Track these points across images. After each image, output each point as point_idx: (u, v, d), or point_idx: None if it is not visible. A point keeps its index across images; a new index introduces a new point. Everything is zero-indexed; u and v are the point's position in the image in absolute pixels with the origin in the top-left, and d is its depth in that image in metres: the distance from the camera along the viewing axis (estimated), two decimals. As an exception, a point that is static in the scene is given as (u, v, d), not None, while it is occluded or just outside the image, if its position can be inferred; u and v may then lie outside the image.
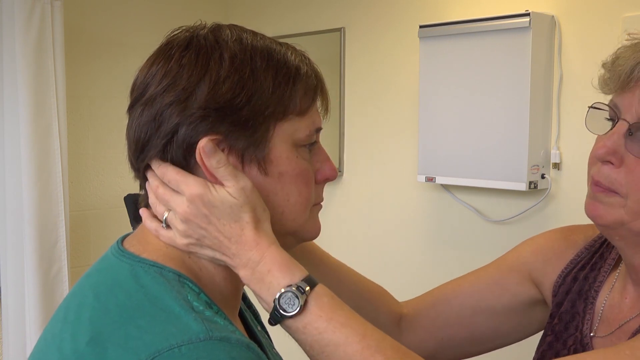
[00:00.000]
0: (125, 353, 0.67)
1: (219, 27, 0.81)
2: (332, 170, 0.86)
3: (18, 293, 2.52)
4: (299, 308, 0.76)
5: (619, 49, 0.95)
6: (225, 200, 0.77)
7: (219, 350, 0.67)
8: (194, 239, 0.78)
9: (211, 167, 0.76)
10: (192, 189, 0.77)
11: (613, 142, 0.91)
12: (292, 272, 0.78)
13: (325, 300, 0.78)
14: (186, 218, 0.77)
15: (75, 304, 0.77)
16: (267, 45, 0.81)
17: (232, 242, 0.77)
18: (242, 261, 0.78)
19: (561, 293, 1.08)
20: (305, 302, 0.76)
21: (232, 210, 0.77)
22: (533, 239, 1.17)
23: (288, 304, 0.76)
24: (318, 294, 0.78)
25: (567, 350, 1.04)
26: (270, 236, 0.79)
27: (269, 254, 0.77)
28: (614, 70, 0.93)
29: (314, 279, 0.79)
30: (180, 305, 0.71)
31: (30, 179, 2.45)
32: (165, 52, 0.79)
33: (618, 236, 0.95)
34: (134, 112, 0.80)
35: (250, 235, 0.77)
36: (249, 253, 0.77)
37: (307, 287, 0.77)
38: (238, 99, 0.76)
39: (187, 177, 0.77)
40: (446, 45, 2.36)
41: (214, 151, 0.76)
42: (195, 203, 0.77)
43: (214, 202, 0.77)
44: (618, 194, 0.91)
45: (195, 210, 0.77)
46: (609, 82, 0.94)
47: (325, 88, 0.85)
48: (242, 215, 0.77)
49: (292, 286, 0.76)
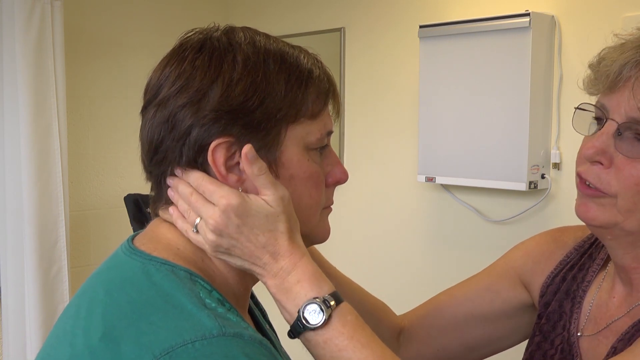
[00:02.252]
0: (139, 349, 0.67)
1: (232, 30, 0.82)
2: (343, 174, 0.87)
3: (18, 293, 2.52)
4: (323, 321, 0.76)
5: (603, 50, 0.95)
6: (261, 209, 0.77)
7: (232, 346, 0.67)
8: (224, 249, 0.78)
9: (252, 174, 0.77)
10: (227, 200, 0.76)
11: (602, 142, 0.91)
12: (320, 285, 0.78)
13: (349, 318, 0.78)
14: (217, 229, 0.77)
15: (86, 301, 0.77)
16: (280, 48, 0.81)
17: (264, 251, 0.78)
18: (272, 270, 0.78)
19: (549, 293, 1.09)
20: (330, 317, 0.77)
21: (268, 220, 0.77)
22: (523, 243, 1.18)
23: (312, 315, 0.76)
24: (343, 311, 0.78)
25: (555, 349, 1.04)
26: (302, 247, 0.80)
27: (301, 265, 0.78)
28: (601, 71, 0.93)
29: (340, 296, 0.79)
30: (193, 302, 0.71)
31: (30, 179, 2.45)
32: (178, 54, 0.80)
33: (610, 236, 0.95)
34: (147, 113, 0.80)
35: (285, 244, 0.78)
36: (281, 262, 0.78)
37: (332, 301, 0.77)
38: (250, 101, 0.76)
39: (222, 187, 0.77)
40: (446, 45, 2.36)
41: (256, 159, 0.77)
42: (227, 214, 0.76)
43: (248, 212, 0.77)
44: (607, 195, 0.91)
45: (226, 221, 0.77)
46: (595, 83, 0.95)
47: (337, 91, 0.85)
48: (277, 225, 0.78)
49: (319, 298, 0.77)
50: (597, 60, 0.96)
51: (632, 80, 0.89)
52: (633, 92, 0.89)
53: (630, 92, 0.89)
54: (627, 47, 0.92)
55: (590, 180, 0.93)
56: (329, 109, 0.84)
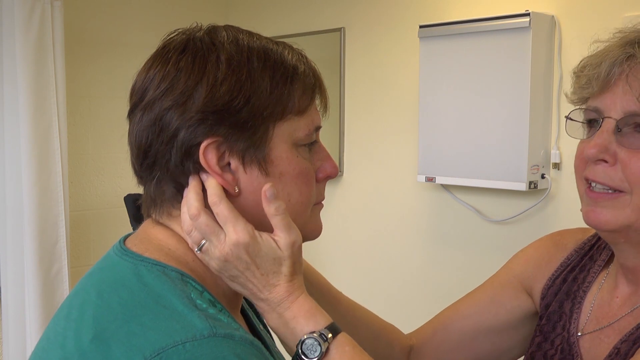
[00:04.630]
0: (129, 350, 0.67)
1: (214, 29, 0.81)
2: (333, 168, 0.86)
3: (18, 293, 2.52)
4: (321, 355, 0.77)
5: (583, 60, 0.97)
6: (270, 251, 0.78)
7: (223, 347, 0.67)
8: (227, 275, 0.79)
9: (268, 212, 0.78)
10: (239, 236, 0.77)
11: (604, 139, 0.91)
12: (316, 320, 0.80)
13: (347, 349, 0.79)
14: (225, 259, 0.78)
15: (77, 303, 0.77)
16: (264, 46, 0.80)
17: (265, 288, 0.79)
18: (271, 305, 0.80)
19: (550, 295, 1.09)
20: (328, 349, 0.78)
21: (275, 262, 0.79)
22: (523, 251, 1.18)
23: (310, 350, 0.78)
24: (340, 342, 0.79)
25: (555, 350, 1.05)
26: (301, 287, 0.81)
27: (298, 302, 0.80)
28: (589, 75, 0.93)
29: (338, 327, 0.81)
30: (184, 303, 0.71)
31: (30, 179, 2.45)
32: (162, 56, 0.79)
33: (623, 239, 0.94)
34: (134, 117, 0.80)
35: (285, 286, 0.80)
36: (279, 299, 0.80)
37: (329, 334, 0.79)
38: (236, 100, 0.76)
39: (238, 219, 0.77)
40: (446, 45, 2.36)
41: (275, 197, 0.78)
42: (238, 249, 0.77)
43: (258, 252, 0.78)
44: (623, 192, 0.90)
45: (236, 254, 0.78)
46: (586, 87, 0.94)
47: (323, 86, 0.85)
48: (282, 269, 0.79)
49: (315, 333, 0.78)
50: (579, 68, 0.96)
51: (624, 74, 0.89)
52: (629, 84, 0.89)
53: (625, 85, 0.89)
54: (611, 48, 0.92)
55: (599, 180, 0.92)
56: (316, 104, 0.84)
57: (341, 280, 1.60)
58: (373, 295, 2.72)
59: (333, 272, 2.39)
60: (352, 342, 0.81)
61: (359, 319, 1.10)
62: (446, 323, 1.19)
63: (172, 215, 0.81)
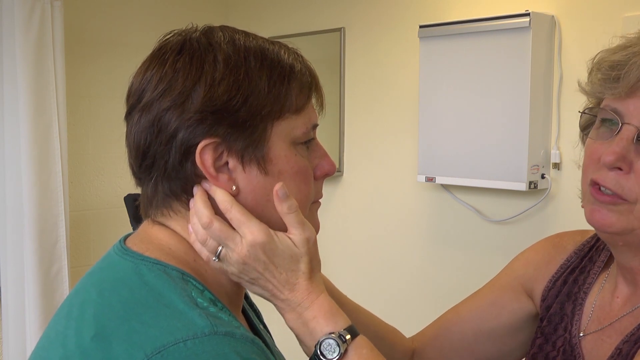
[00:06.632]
0: (130, 348, 0.67)
1: (211, 30, 0.82)
2: (331, 166, 0.87)
3: (18, 293, 2.52)
4: (339, 355, 0.78)
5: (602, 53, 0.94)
6: (287, 250, 0.80)
7: (223, 345, 0.67)
8: (247, 278, 0.80)
9: (282, 212, 0.79)
10: (255, 236, 0.78)
11: (622, 148, 0.89)
12: (336, 321, 0.80)
13: (364, 352, 0.80)
14: (244, 261, 0.78)
15: (78, 301, 0.77)
16: (260, 45, 0.81)
17: (285, 288, 0.80)
18: (290, 305, 0.81)
19: (550, 296, 1.09)
20: (346, 350, 0.79)
21: (292, 260, 0.80)
22: (523, 253, 1.19)
23: (328, 350, 0.78)
24: (358, 345, 0.80)
25: (557, 351, 1.05)
26: (320, 285, 0.82)
27: (318, 302, 0.80)
28: (616, 76, 0.90)
29: (356, 329, 0.81)
30: (185, 301, 0.71)
31: (30, 179, 2.45)
32: (159, 57, 0.79)
33: (622, 242, 0.94)
34: (131, 118, 0.80)
35: (304, 284, 0.81)
36: (299, 299, 0.80)
37: (348, 336, 0.79)
38: (234, 100, 0.76)
39: (251, 220, 0.78)
40: (446, 45, 2.36)
41: (287, 197, 0.78)
42: (255, 249, 0.78)
43: (275, 251, 0.79)
44: (627, 201, 0.90)
45: (254, 255, 0.78)
46: (610, 88, 0.92)
47: (319, 84, 0.86)
48: (299, 266, 0.80)
49: (334, 334, 0.79)
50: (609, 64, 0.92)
51: None
52: None
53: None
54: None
55: (610, 187, 0.91)
56: (313, 102, 0.84)
57: (341, 280, 1.60)
58: (373, 295, 2.72)
59: (333, 272, 2.39)
60: (370, 345, 0.82)
61: (361, 322, 1.10)
62: (447, 326, 1.19)
63: (171, 215, 0.82)
